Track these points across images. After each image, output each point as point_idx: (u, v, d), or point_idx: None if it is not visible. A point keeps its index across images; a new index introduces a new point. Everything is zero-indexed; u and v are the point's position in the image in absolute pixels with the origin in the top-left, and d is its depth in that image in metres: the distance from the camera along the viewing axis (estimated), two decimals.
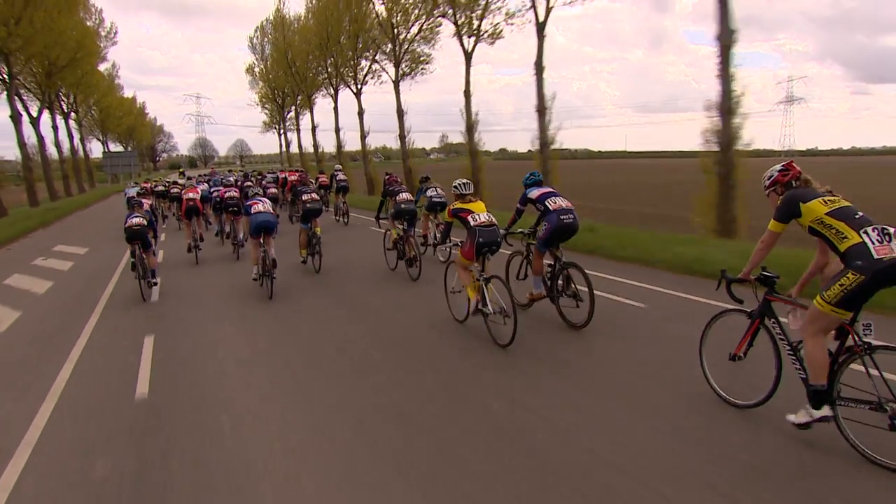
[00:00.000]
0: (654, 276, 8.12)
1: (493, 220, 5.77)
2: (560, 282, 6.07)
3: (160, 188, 19.94)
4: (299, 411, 4.37)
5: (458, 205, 5.95)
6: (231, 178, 20.07)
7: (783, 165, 3.62)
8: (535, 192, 6.19)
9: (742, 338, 3.94)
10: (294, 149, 46.00)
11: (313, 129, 39.28)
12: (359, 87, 30.00)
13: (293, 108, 44.99)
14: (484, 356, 5.34)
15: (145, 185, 21.25)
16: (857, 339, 3.26)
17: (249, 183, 17.10)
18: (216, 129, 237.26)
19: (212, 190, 15.31)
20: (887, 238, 3.07)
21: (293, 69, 37.89)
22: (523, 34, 14.88)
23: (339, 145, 32.93)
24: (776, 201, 3.58)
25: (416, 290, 8.09)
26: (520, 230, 6.53)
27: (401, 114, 25.22)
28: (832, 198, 3.32)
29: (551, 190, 6.25)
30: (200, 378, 5.19)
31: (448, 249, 6.58)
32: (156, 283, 8.78)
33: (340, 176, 17.20)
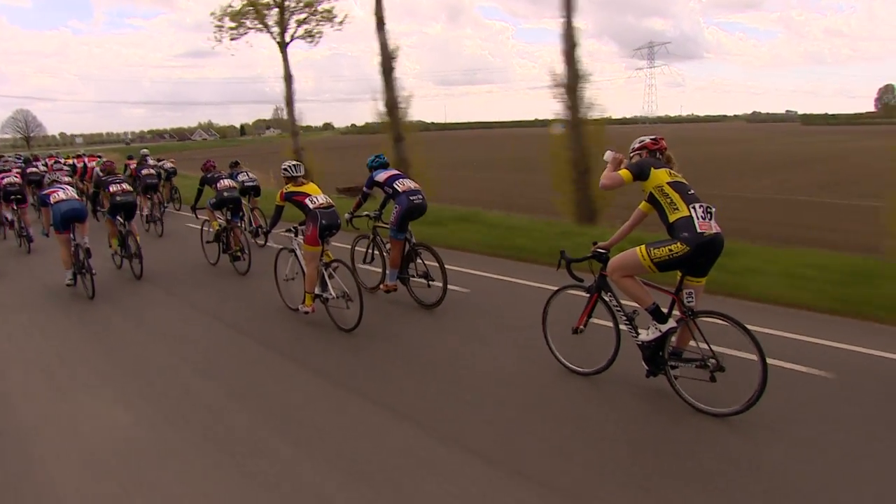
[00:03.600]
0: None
1: (331, 201, 5.52)
2: (410, 263, 6.01)
3: None
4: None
5: (292, 188, 5.57)
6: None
7: (654, 137, 3.88)
8: (381, 175, 6.03)
9: (582, 312, 4.18)
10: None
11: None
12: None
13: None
14: (320, 342, 5.19)
15: None
16: (682, 305, 3.62)
17: (34, 168, 14.26)
18: None
19: None
20: (709, 215, 3.44)
21: None
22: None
23: None
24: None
25: (246, 283, 7.49)
26: (365, 213, 6.38)
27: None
28: (675, 173, 3.65)
29: (398, 172, 6.15)
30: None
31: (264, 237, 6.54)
32: None
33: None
